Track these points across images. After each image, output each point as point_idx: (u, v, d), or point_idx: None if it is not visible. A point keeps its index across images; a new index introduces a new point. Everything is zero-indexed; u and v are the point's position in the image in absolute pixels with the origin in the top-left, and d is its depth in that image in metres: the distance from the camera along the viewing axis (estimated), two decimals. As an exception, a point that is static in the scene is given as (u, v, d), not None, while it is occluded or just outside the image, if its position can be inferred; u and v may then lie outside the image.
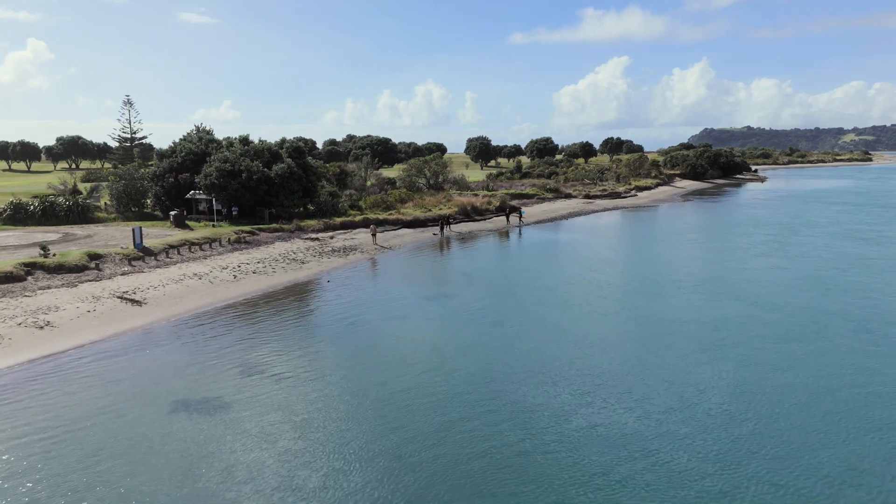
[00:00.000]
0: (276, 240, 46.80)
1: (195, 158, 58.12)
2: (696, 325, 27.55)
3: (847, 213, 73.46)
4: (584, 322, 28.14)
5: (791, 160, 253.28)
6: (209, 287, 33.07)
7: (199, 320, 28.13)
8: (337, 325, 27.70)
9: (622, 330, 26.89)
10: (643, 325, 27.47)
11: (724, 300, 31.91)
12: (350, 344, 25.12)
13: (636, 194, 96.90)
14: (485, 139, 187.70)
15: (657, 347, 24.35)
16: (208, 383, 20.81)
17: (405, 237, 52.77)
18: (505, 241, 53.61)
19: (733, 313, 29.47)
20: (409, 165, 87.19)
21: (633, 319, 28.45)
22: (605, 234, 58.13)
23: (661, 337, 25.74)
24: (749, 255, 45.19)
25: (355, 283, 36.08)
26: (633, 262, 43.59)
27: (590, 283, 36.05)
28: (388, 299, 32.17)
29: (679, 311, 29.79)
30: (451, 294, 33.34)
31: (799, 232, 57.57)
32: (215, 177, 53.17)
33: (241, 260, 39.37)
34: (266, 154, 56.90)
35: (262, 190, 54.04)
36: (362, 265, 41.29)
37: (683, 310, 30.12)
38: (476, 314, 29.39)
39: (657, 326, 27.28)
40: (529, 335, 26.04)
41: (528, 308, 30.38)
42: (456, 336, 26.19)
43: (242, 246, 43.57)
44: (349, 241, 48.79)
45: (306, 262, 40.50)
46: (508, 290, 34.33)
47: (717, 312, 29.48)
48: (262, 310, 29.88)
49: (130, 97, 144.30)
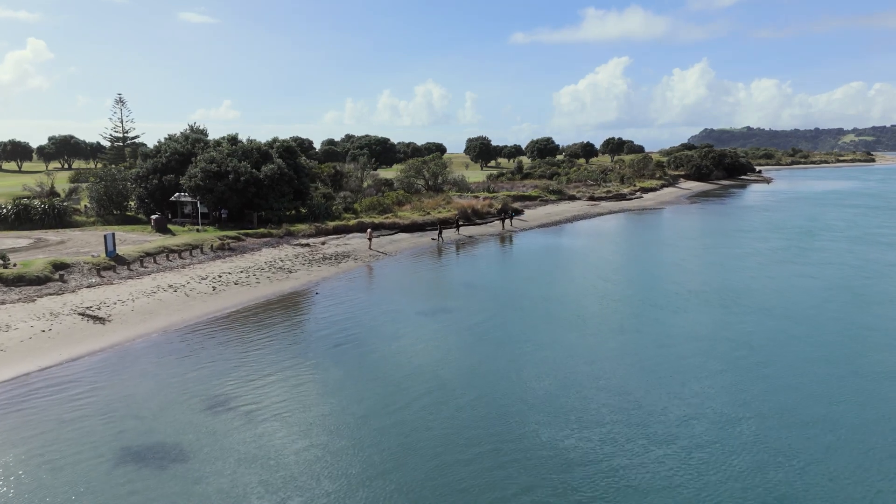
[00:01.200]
0: (264, 246, 43.72)
1: (181, 159, 55.07)
2: (726, 344, 24.52)
3: (863, 215, 70.47)
4: (599, 342, 25.10)
5: (794, 161, 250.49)
6: (184, 301, 30.00)
7: (167, 341, 25.06)
8: (322, 346, 24.64)
9: (643, 352, 23.85)
10: (667, 346, 24.43)
11: (753, 314, 28.90)
12: (336, 371, 22.07)
13: (641, 196, 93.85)
14: (485, 139, 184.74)
15: (684, 372, 21.32)
16: (168, 424, 17.75)
17: (402, 242, 49.71)
18: (508, 247, 50.57)
19: (764, 329, 26.46)
20: (407, 166, 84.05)
21: (655, 338, 25.41)
22: (614, 238, 55.08)
23: (687, 359, 22.71)
24: (770, 262, 42.17)
25: (346, 294, 33.02)
26: (647, 270, 40.55)
27: (602, 294, 33.02)
28: (380, 314, 29.12)
29: (705, 328, 26.76)
30: (451, 308, 30.29)
31: (818, 236, 54.56)
32: (200, 178, 50.11)
33: (222, 269, 36.29)
34: (255, 154, 53.84)
35: (251, 192, 50.98)
36: (355, 274, 38.23)
37: (710, 326, 27.09)
38: (478, 332, 26.35)
39: (683, 347, 24.24)
40: (538, 358, 23.00)
41: (536, 325, 27.34)
42: (455, 359, 23.15)
43: (226, 253, 40.48)
44: (342, 246, 45.72)
45: (294, 270, 37.43)
46: (513, 303, 31.28)
47: (748, 329, 26.46)
48: (240, 328, 26.82)
49: (122, 96, 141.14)
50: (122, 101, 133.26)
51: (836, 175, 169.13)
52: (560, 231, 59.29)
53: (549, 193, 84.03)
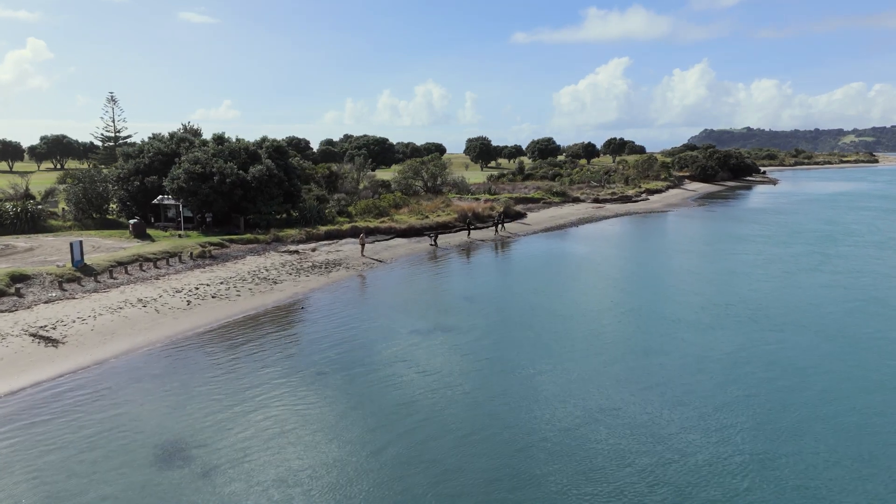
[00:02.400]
0: (249, 253, 40.58)
1: (164, 159, 51.99)
2: (764, 368, 21.42)
3: (881, 219, 67.40)
4: (621, 369, 21.97)
5: (797, 161, 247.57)
6: (153, 318, 26.87)
7: (126, 368, 21.93)
8: (304, 374, 21.52)
9: (673, 380, 20.73)
10: (699, 371, 21.32)
11: (788, 332, 25.82)
12: (318, 405, 18.96)
13: (647, 198, 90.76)
14: (485, 139, 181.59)
15: (721, 405, 18.22)
16: (111, 481, 14.64)
17: (398, 248, 46.57)
18: (511, 254, 47.44)
19: (802, 350, 23.40)
20: (405, 167, 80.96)
21: (684, 362, 22.30)
22: (624, 244, 51.96)
23: (724, 389, 19.59)
24: (795, 271, 39.07)
25: (335, 309, 29.88)
26: (665, 279, 37.41)
27: (619, 309, 29.90)
28: (371, 334, 25.99)
29: (739, 350, 23.64)
30: (450, 326, 27.15)
31: (839, 241, 51.48)
32: (183, 180, 47.00)
33: (201, 280, 33.16)
34: (243, 154, 50.74)
35: (237, 195, 47.86)
36: (346, 285, 35.10)
37: (744, 347, 23.97)
38: (481, 356, 23.23)
39: (717, 373, 21.13)
40: (551, 388, 19.90)
41: (548, 347, 24.22)
42: (453, 390, 20.03)
43: (207, 262, 37.34)
44: (334, 253, 42.59)
45: (280, 281, 34.30)
46: (520, 319, 28.16)
47: (786, 350, 23.37)
48: (212, 351, 23.69)
49: (114, 94, 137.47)
50: (113, 100, 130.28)
51: (842, 176, 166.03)
52: (565, 235, 56.17)
53: (553, 195, 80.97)
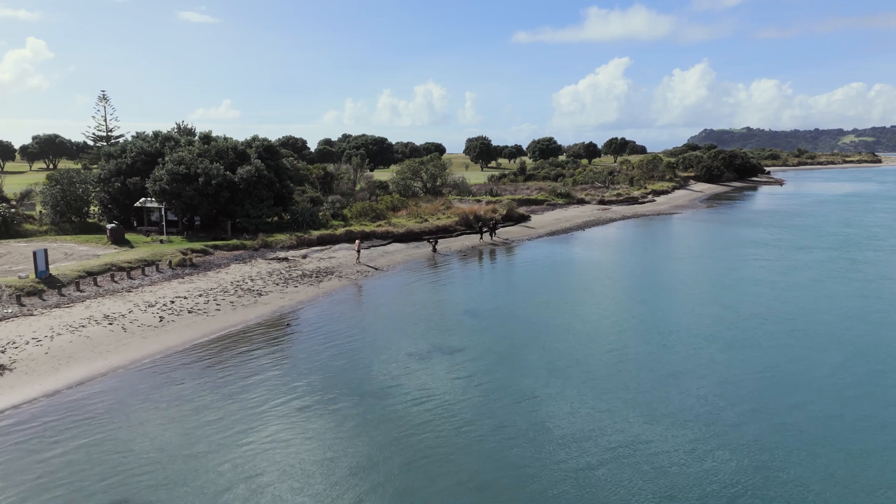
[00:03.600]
0: (234, 260, 37.65)
1: (148, 159, 49.04)
2: (815, 397, 18.52)
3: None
4: (650, 398, 19.05)
5: (800, 162, 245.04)
6: (118, 338, 23.95)
7: (80, 402, 19.01)
8: (282, 409, 18.60)
9: (710, 412, 17.83)
10: (742, 402, 18.41)
11: (831, 350, 22.92)
12: (295, 449, 16.05)
13: (654, 199, 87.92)
14: (485, 139, 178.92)
15: (778, 450, 15.33)
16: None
17: (395, 255, 43.66)
18: (517, 262, 44.52)
19: (852, 374, 20.48)
20: (403, 167, 78.02)
21: (724, 391, 19.36)
22: (636, 249, 49.06)
23: (776, 424, 16.69)
24: (824, 278, 36.20)
25: (324, 327, 26.95)
26: (686, 289, 34.45)
27: (640, 325, 26.98)
28: (362, 358, 23.08)
29: (781, 374, 20.71)
30: (451, 347, 24.23)
31: (863, 245, 48.65)
32: (166, 181, 44.06)
33: (178, 292, 30.24)
34: (231, 154, 47.81)
35: (224, 197, 44.94)
36: (338, 297, 32.18)
37: (786, 371, 21.04)
38: (487, 386, 20.32)
39: (766, 404, 18.21)
40: (572, 427, 17.01)
41: (565, 373, 21.31)
42: (457, 430, 17.12)
43: (187, 270, 34.42)
44: (326, 260, 39.66)
45: (265, 293, 31.38)
46: (531, 339, 25.25)
47: (833, 373, 20.49)
48: (180, 378, 20.75)
49: (106, 92, 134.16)
50: (105, 98, 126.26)
51: (847, 177, 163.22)
52: (572, 240, 53.24)
53: (557, 197, 78.11)
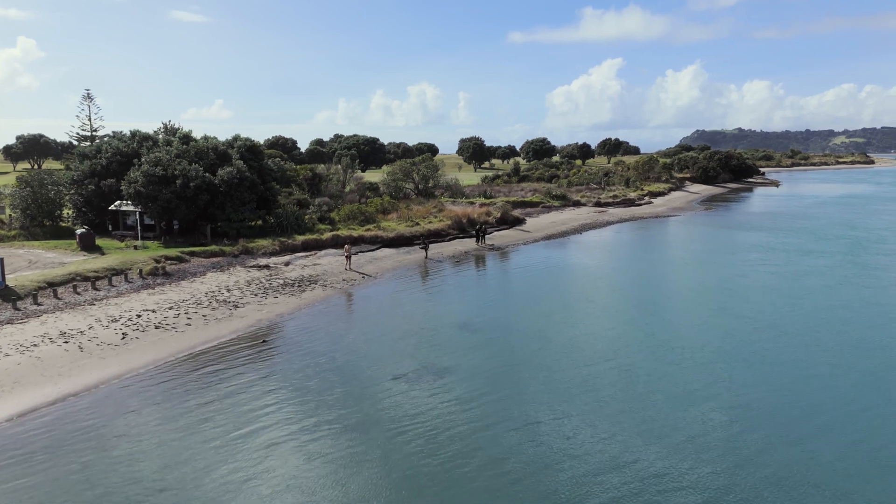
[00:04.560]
0: (211, 268, 35.28)
1: (124, 160, 46.60)
2: (845, 418, 16.41)
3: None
4: (666, 426, 16.89)
5: (794, 162, 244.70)
6: (73, 359, 21.58)
7: (22, 434, 16.65)
8: (247, 445, 16.30)
9: (730, 441, 15.68)
10: (765, 425, 16.27)
11: (857, 365, 20.82)
12: (265, 494, 13.77)
13: (651, 201, 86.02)
14: (478, 140, 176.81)
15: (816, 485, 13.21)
16: None
17: (385, 261, 41.37)
18: (512, 268, 42.33)
19: (883, 393, 18.43)
20: (394, 168, 75.72)
21: (745, 415, 17.22)
22: (637, 255, 46.99)
23: (809, 451, 14.57)
24: (836, 285, 34.21)
25: (303, 343, 24.66)
26: (695, 298, 32.31)
27: (648, 340, 24.81)
28: (342, 380, 20.80)
29: (811, 394, 18.60)
30: (444, 369, 21.98)
31: (871, 250, 46.83)
32: (141, 183, 41.62)
33: (146, 304, 27.86)
34: (211, 155, 45.41)
35: (203, 200, 42.53)
36: (321, 308, 29.87)
37: (816, 390, 18.92)
38: (483, 414, 18.09)
39: (792, 428, 16.08)
40: (582, 463, 14.81)
41: (569, 397, 19.12)
42: (448, 471, 14.89)
43: (159, 280, 32.04)
44: (310, 268, 37.35)
45: (242, 304, 29.04)
46: (530, 357, 23.05)
47: (862, 394, 18.37)
48: (137, 407, 18.41)
49: (91, 91, 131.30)
50: (90, 98, 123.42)
51: (842, 178, 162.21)
52: (570, 244, 51.11)
53: (552, 199, 75.99)
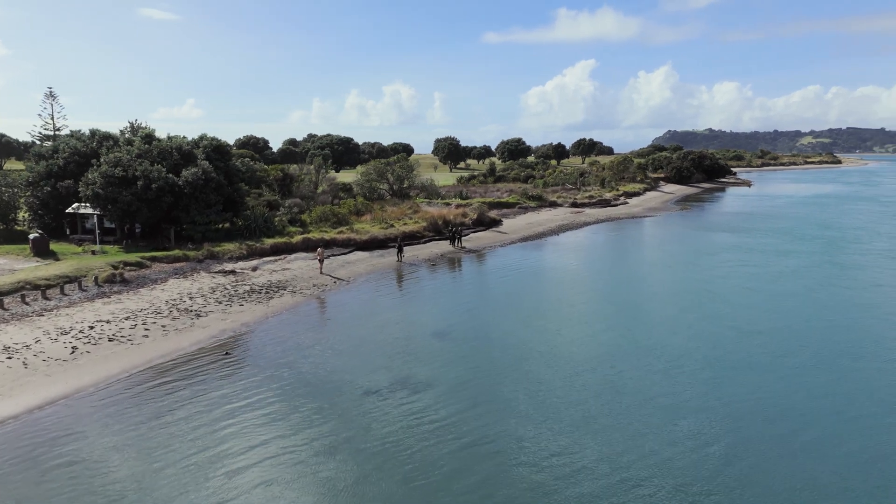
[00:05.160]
0: (173, 274, 33.47)
1: (82, 160, 44.38)
2: (839, 429, 15.58)
3: (879, 223, 63.33)
4: (658, 442, 15.86)
5: (764, 162, 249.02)
6: (15, 377, 19.80)
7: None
8: (202, 474, 14.86)
9: (731, 460, 14.72)
10: (763, 439, 15.35)
11: (847, 372, 20.10)
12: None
13: (627, 201, 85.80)
14: (454, 140, 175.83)
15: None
16: None
17: (358, 265, 39.93)
18: (490, 272, 41.22)
19: (873, 398, 17.64)
20: (368, 168, 74.18)
21: (740, 429, 16.28)
22: (616, 257, 46.26)
23: (813, 470, 13.65)
24: (816, 286, 33.70)
25: (268, 356, 23.16)
26: (678, 302, 31.42)
27: (633, 347, 23.84)
28: (308, 395, 19.41)
29: (803, 404, 17.74)
30: (419, 383, 20.70)
31: (848, 250, 46.89)
32: (100, 185, 39.54)
33: (101, 314, 26.06)
34: (175, 155, 43.45)
35: (166, 202, 40.57)
36: (289, 317, 28.35)
37: (808, 400, 18.08)
38: (462, 433, 16.87)
39: (791, 444, 15.17)
40: (569, 488, 13.68)
41: (554, 411, 18.01)
42: (423, 497, 13.67)
43: (116, 288, 30.17)
44: (279, 273, 35.75)
45: (204, 313, 27.40)
46: (512, 368, 21.91)
47: (858, 401, 17.61)
48: (81, 433, 16.79)
49: (53, 90, 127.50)
50: (52, 96, 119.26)
51: (812, 178, 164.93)
52: (547, 246, 50.21)
53: (528, 199, 75.19)
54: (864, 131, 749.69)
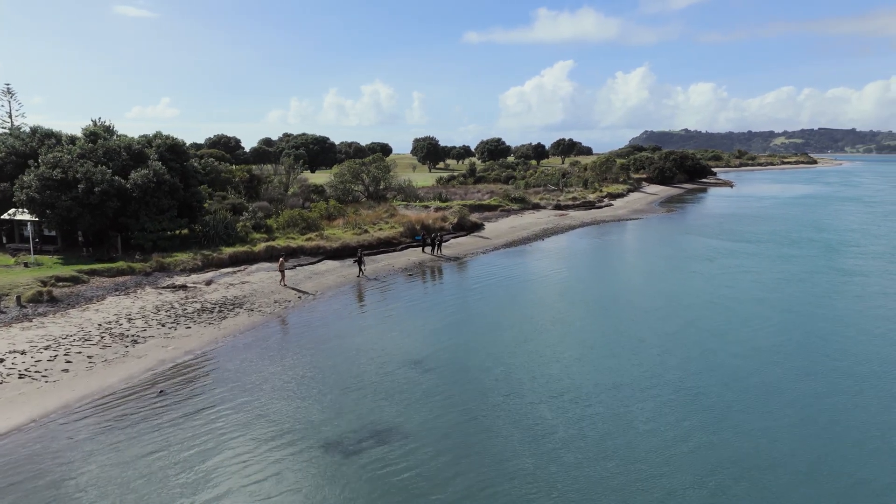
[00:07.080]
0: (114, 291, 29.48)
1: (20, 161, 40.07)
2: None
3: (871, 224, 61.33)
4: (671, 485, 12.58)
5: (742, 163, 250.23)
6: None
7: None
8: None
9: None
10: (799, 481, 12.17)
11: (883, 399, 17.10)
12: None
13: (611, 203, 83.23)
14: (432, 140, 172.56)
15: None
16: None
17: (327, 276, 36.24)
18: (472, 284, 37.80)
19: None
20: (342, 169, 70.34)
21: (765, 477, 13.11)
22: (608, 264, 43.12)
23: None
24: (822, 294, 31.00)
25: (212, 394, 19.44)
26: (679, 314, 28.14)
27: (642, 375, 20.53)
28: (254, 455, 15.77)
29: (839, 434, 14.64)
30: (392, 430, 17.16)
31: (845, 253, 44.68)
32: (36, 189, 35.32)
33: (16, 343, 22.08)
34: (123, 155, 39.32)
35: (112, 208, 36.46)
36: (243, 342, 24.59)
37: (844, 429, 14.99)
38: (441, 499, 13.43)
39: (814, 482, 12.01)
40: None
41: (555, 458, 14.64)
42: None
43: (42, 308, 26.13)
44: (237, 286, 31.94)
45: (143, 339, 23.55)
46: (502, 407, 18.48)
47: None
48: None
49: (11, 86, 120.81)
50: (10, 93, 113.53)
51: (790, 178, 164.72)
52: (532, 252, 46.93)
53: (511, 201, 72.06)
54: (836, 132, 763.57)
